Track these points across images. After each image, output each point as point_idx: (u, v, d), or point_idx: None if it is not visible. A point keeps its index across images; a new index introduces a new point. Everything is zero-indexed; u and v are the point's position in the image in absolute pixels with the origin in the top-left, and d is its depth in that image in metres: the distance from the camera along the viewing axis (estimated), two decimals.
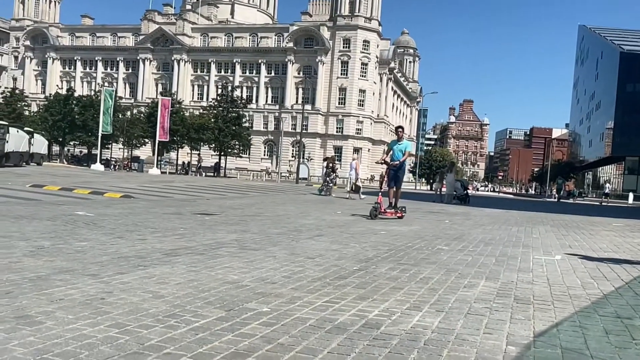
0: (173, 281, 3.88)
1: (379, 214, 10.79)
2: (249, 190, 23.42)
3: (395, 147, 11.62)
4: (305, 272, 4.54)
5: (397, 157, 11.49)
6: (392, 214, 11.10)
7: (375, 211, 10.66)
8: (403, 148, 11.52)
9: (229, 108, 56.20)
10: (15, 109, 56.12)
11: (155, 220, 8.14)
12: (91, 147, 54.56)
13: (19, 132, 29.27)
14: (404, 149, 11.53)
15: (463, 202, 21.84)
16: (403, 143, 11.65)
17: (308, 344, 2.59)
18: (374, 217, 10.54)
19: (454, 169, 24.10)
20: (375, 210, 10.66)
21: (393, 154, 11.64)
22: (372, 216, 10.58)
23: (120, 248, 5.28)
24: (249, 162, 76.01)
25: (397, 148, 11.54)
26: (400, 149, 11.51)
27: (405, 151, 11.53)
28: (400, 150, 11.50)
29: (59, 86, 76.12)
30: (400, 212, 11.27)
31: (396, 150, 11.57)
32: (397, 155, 11.50)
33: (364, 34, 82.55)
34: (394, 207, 11.24)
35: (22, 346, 2.36)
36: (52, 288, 3.46)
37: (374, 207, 10.75)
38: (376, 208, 10.72)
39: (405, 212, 11.47)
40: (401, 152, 11.49)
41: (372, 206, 10.88)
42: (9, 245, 5.03)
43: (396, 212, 11.18)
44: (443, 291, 3.98)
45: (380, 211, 10.87)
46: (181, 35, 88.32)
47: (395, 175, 11.49)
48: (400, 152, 11.50)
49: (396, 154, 11.54)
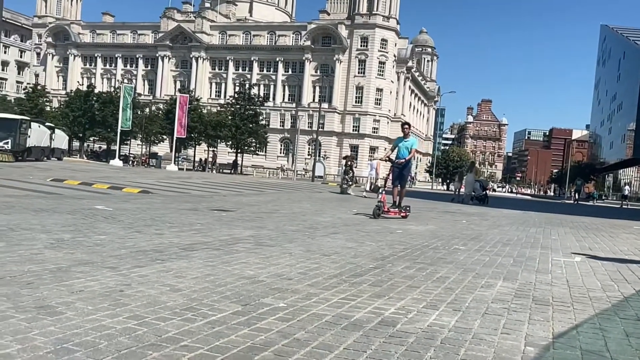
0: (190, 275, 3.91)
1: (382, 213, 10.40)
2: (265, 187, 23.52)
3: (401, 144, 11.12)
4: (321, 269, 4.54)
5: (402, 154, 11.02)
6: (396, 213, 10.67)
7: (379, 210, 10.28)
8: (409, 145, 11.00)
9: (246, 106, 56.50)
10: (37, 104, 57.13)
11: (172, 216, 8.22)
12: (110, 142, 55.29)
13: (40, 127, 29.74)
14: (410, 146, 11.00)
15: (482, 203, 21.65)
16: (409, 140, 11.10)
17: (324, 339, 2.59)
18: (377, 217, 10.15)
19: (473, 169, 23.92)
20: (378, 210, 10.27)
21: (398, 151, 11.18)
22: (375, 215, 10.19)
23: (138, 242, 5.34)
24: (265, 159, 76.33)
25: (403, 145, 11.05)
26: (406, 146, 11.01)
27: (412, 149, 10.99)
28: (406, 148, 11.00)
29: (80, 82, 77.23)
30: (405, 211, 10.83)
31: (402, 148, 11.08)
32: (402, 153, 11.04)
33: (382, 33, 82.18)
34: (397, 207, 10.81)
35: (43, 335, 2.40)
36: (72, 279, 3.51)
37: (377, 206, 10.33)
38: (379, 207, 10.32)
39: (410, 211, 10.99)
40: (407, 149, 10.98)
41: (376, 205, 10.45)
42: (30, 238, 5.12)
43: (400, 211, 10.75)
44: (460, 291, 3.95)
45: (384, 210, 10.47)
46: (200, 33, 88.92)
47: (400, 173, 11.02)
48: (406, 149, 11.00)
49: (402, 151, 11.07)
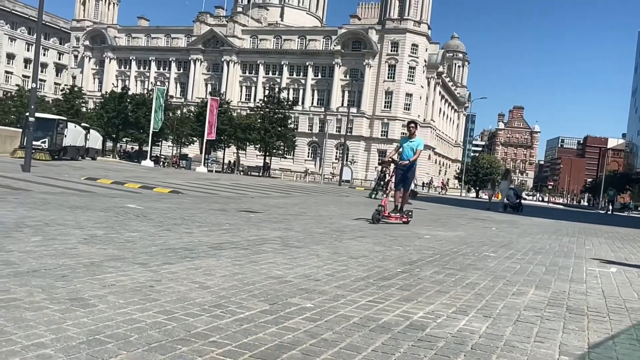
0: (218, 273, 3.94)
1: (382, 218, 9.62)
2: (292, 190, 23.60)
3: (405, 144, 10.37)
4: (349, 271, 4.51)
5: (407, 155, 10.23)
6: (397, 218, 9.96)
7: (379, 215, 9.49)
8: (415, 146, 10.24)
9: (276, 109, 56.94)
10: (73, 105, 58.80)
11: (201, 215, 8.31)
12: (142, 143, 56.47)
13: (76, 128, 30.53)
14: (416, 147, 10.23)
15: (516, 211, 21.24)
16: (415, 140, 10.34)
17: (352, 341, 2.57)
18: (376, 222, 9.40)
19: (508, 176, 23.48)
20: (378, 214, 9.48)
21: (403, 151, 10.40)
22: (374, 220, 9.43)
23: (168, 240, 5.41)
24: (292, 163, 76.66)
25: (408, 146, 10.30)
26: (411, 147, 10.25)
27: (417, 150, 10.21)
28: (411, 148, 10.25)
29: (115, 84, 79.35)
30: (406, 217, 10.12)
31: (406, 148, 10.32)
32: (407, 154, 10.25)
33: (412, 38, 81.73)
34: (399, 211, 10.10)
35: (76, 326, 2.45)
36: (104, 274, 3.58)
37: (377, 211, 9.52)
38: (379, 211, 9.52)
39: (412, 217, 10.28)
40: (412, 150, 10.23)
41: (375, 209, 9.62)
42: (65, 233, 5.25)
43: (401, 216, 10.05)
44: (490, 297, 3.86)
45: (384, 215, 9.66)
46: (231, 37, 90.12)
47: (403, 176, 10.24)
48: (411, 150, 10.24)
49: (406, 152, 10.29)
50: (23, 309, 2.63)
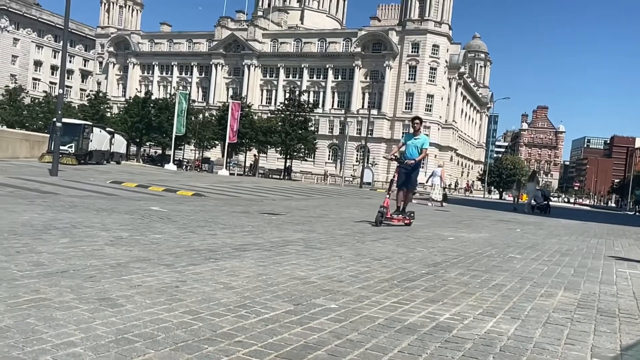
0: (242, 274, 3.96)
1: (385, 219, 9.09)
2: (313, 192, 23.63)
3: (410, 142, 9.68)
4: (372, 272, 4.49)
5: (411, 154, 9.60)
6: (400, 220, 9.44)
7: (382, 217, 8.94)
8: (419, 144, 9.57)
9: (296, 112, 57.11)
10: (98, 110, 59.96)
11: (224, 218, 8.37)
12: (165, 147, 57.19)
13: (101, 132, 31.08)
14: (421, 145, 9.57)
15: (543, 212, 20.88)
16: (420, 138, 9.65)
17: (378, 342, 2.54)
18: (378, 224, 8.86)
19: (535, 178, 23.10)
20: (381, 216, 8.93)
21: (406, 149, 9.74)
22: (377, 222, 8.88)
23: (192, 241, 5.46)
24: (313, 165, 76.75)
25: (413, 143, 9.61)
26: (416, 145, 9.57)
27: (422, 148, 9.55)
28: (415, 147, 9.56)
29: (138, 89, 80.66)
30: (409, 218, 9.58)
31: (410, 146, 9.63)
32: (411, 152, 9.61)
33: (433, 39, 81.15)
34: (401, 212, 9.57)
35: (105, 325, 2.48)
36: (130, 275, 3.62)
37: (380, 212, 8.95)
38: (382, 213, 8.95)
39: (414, 218, 9.75)
40: (417, 148, 9.54)
41: (378, 211, 9.04)
42: (92, 235, 5.34)
43: (404, 218, 9.53)
44: (518, 299, 3.79)
45: (386, 216, 9.11)
46: (252, 41, 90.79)
47: (407, 175, 9.58)
48: (415, 148, 9.56)
49: (410, 150, 9.63)
50: (53, 309, 2.68)
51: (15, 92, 68.17)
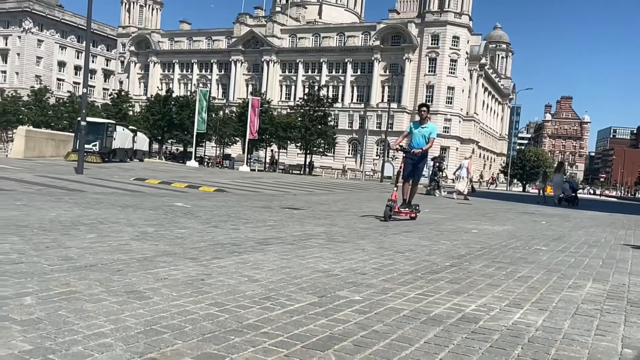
0: (266, 267, 3.98)
1: (393, 214, 8.63)
2: (333, 187, 23.63)
3: (416, 130, 9.19)
4: (395, 265, 4.47)
5: (417, 143, 9.11)
6: (407, 214, 9.04)
7: (390, 211, 8.45)
8: (427, 133, 9.09)
9: (316, 107, 57.12)
10: (121, 109, 60.86)
11: (246, 212, 8.43)
12: (187, 145, 57.83)
13: (124, 130, 31.54)
14: (428, 134, 9.08)
15: (572, 204, 20.51)
16: (427, 126, 9.18)
17: (403, 333, 2.54)
18: (388, 219, 8.37)
19: (562, 169, 22.68)
20: (390, 210, 8.44)
21: (412, 138, 9.23)
22: (386, 217, 8.39)
23: (216, 236, 5.51)
24: (333, 160, 76.73)
25: (420, 132, 9.14)
26: (423, 134, 9.10)
27: (430, 138, 9.05)
28: (423, 136, 9.09)
29: (159, 88, 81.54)
30: (414, 211, 9.18)
31: (417, 135, 9.16)
32: (418, 141, 9.12)
33: (453, 30, 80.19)
34: (408, 205, 9.13)
35: (133, 317, 2.52)
36: (156, 268, 3.68)
37: (388, 207, 8.44)
38: (391, 207, 8.46)
39: (419, 211, 9.36)
40: (424, 137, 9.08)
41: (387, 205, 8.51)
42: (118, 230, 5.44)
43: (410, 211, 9.11)
44: (545, 290, 3.74)
45: (394, 210, 8.67)
46: (271, 37, 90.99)
47: (414, 166, 9.13)
48: (422, 137, 9.09)
49: (417, 139, 9.15)
50: (83, 301, 2.73)
51: (40, 93, 69.61)
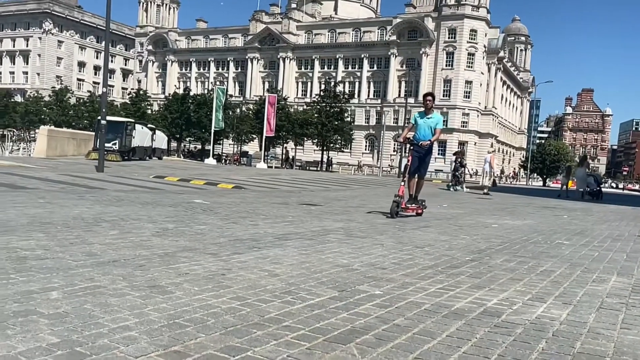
0: (286, 262, 4.00)
1: (400, 210, 8.28)
2: (351, 183, 23.58)
3: (422, 121, 8.72)
4: (415, 260, 4.45)
5: (424, 135, 8.65)
6: (413, 210, 8.64)
7: (397, 207, 8.10)
8: (433, 124, 8.66)
9: (332, 103, 57.05)
10: (139, 107, 61.54)
11: (265, 209, 8.47)
12: (204, 142, 58.25)
13: (143, 129, 31.87)
14: (435, 125, 8.66)
15: (596, 198, 20.21)
16: (433, 117, 8.74)
17: (425, 326, 2.52)
18: (395, 215, 8.02)
19: (585, 163, 22.36)
20: (397, 206, 8.09)
21: (418, 130, 8.76)
22: (392, 214, 8.02)
23: (235, 232, 5.55)
24: (350, 156, 76.55)
25: (426, 123, 8.68)
26: (429, 125, 8.65)
27: (436, 129, 8.63)
28: (429, 127, 8.65)
29: (177, 86, 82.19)
30: (421, 207, 8.79)
31: (423, 126, 8.69)
32: (424, 133, 8.66)
33: (471, 23, 79.21)
34: (414, 201, 8.75)
35: (156, 311, 2.56)
36: (178, 263, 3.72)
37: (395, 202, 8.08)
38: (398, 203, 8.09)
39: (426, 207, 8.95)
40: (430, 128, 8.64)
41: (394, 201, 8.15)
42: (139, 227, 5.51)
43: (418, 207, 8.74)
44: (568, 284, 3.69)
45: (401, 207, 8.31)
46: (287, 34, 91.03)
47: (421, 159, 8.67)
48: (429, 128, 8.65)
49: (423, 131, 8.68)
50: (107, 295, 2.78)
51: (61, 93, 70.73)
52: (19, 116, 66.65)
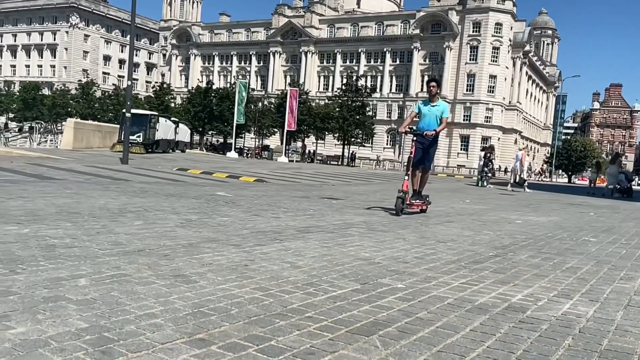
0: (308, 254, 4.01)
1: (405, 206, 7.61)
2: (372, 178, 23.52)
3: (426, 109, 8.00)
4: (438, 254, 4.42)
5: (428, 124, 7.91)
6: (418, 206, 8.03)
7: (402, 203, 7.46)
8: (439, 112, 7.94)
9: (354, 97, 56.86)
10: (163, 101, 62.34)
11: (286, 202, 8.51)
12: (226, 136, 58.75)
13: (167, 122, 32.21)
14: (441, 113, 7.93)
15: (626, 196, 19.88)
16: (439, 104, 8.02)
17: (448, 320, 2.51)
18: (400, 212, 7.39)
19: (617, 160, 22.00)
20: (402, 203, 7.45)
21: (422, 119, 8.02)
22: (397, 211, 7.40)
23: (257, 224, 5.59)
24: (371, 151, 76.27)
25: (431, 112, 7.95)
26: (435, 114, 7.93)
27: (442, 117, 7.92)
28: (435, 116, 7.93)
29: (200, 80, 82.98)
30: (426, 203, 8.19)
31: (428, 116, 7.96)
32: (429, 122, 7.92)
33: (496, 16, 77.90)
34: (419, 196, 8.09)
35: (181, 300, 2.59)
36: (201, 254, 3.76)
37: (400, 199, 7.43)
38: (403, 199, 7.45)
39: (430, 202, 8.34)
40: (436, 117, 7.92)
41: (398, 196, 7.50)
42: (163, 218, 5.59)
43: (422, 203, 8.13)
44: (595, 282, 3.62)
45: (406, 202, 7.65)
46: (309, 28, 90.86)
47: (425, 151, 7.96)
48: (434, 117, 7.93)
49: (428, 120, 7.95)
50: (133, 283, 2.83)
51: (87, 86, 72.05)
52: (46, 109, 68.17)
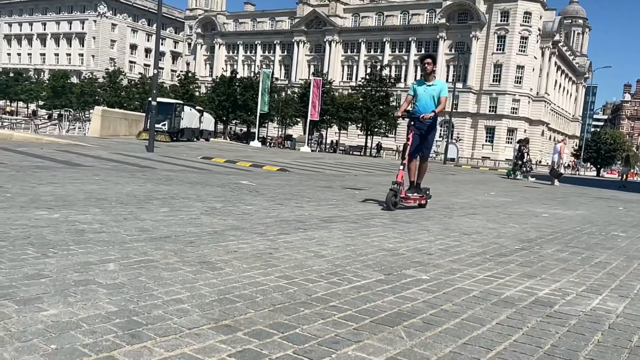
0: (331, 244, 4.01)
1: (400, 200, 6.84)
2: (394, 168, 23.36)
3: (422, 89, 7.05)
4: (462, 246, 4.38)
5: (424, 106, 6.97)
6: (416, 199, 7.21)
7: (395, 197, 6.67)
8: (436, 92, 6.97)
9: (377, 87, 56.41)
10: (188, 90, 62.77)
11: (309, 191, 8.52)
12: (250, 125, 59.00)
13: (191, 111, 32.51)
14: (438, 93, 6.97)
15: None
16: (435, 83, 7.04)
17: (474, 313, 2.49)
18: (392, 206, 6.61)
19: None
20: (394, 196, 6.66)
21: (417, 101, 7.10)
22: (388, 205, 6.61)
23: (281, 213, 5.61)
24: (394, 141, 75.73)
25: (427, 92, 7.00)
26: (431, 94, 6.98)
27: (440, 97, 6.94)
28: (431, 96, 6.98)
29: (224, 69, 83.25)
30: (425, 197, 7.36)
31: (424, 96, 7.01)
32: (425, 104, 6.98)
33: (525, 5, 76.09)
34: (417, 189, 7.27)
35: (207, 286, 2.63)
36: (226, 241, 3.80)
37: (392, 191, 6.66)
38: (396, 192, 6.67)
39: (430, 196, 7.53)
40: (433, 98, 6.97)
41: (390, 189, 6.75)
42: (188, 205, 5.66)
43: (421, 196, 7.27)
44: (625, 277, 3.54)
45: (401, 196, 6.86)
46: (333, 17, 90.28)
47: (423, 136, 7.04)
48: (431, 98, 6.97)
49: (424, 101, 7.01)
50: (160, 269, 2.88)
51: (114, 75, 73.08)
52: (75, 97, 69.47)
